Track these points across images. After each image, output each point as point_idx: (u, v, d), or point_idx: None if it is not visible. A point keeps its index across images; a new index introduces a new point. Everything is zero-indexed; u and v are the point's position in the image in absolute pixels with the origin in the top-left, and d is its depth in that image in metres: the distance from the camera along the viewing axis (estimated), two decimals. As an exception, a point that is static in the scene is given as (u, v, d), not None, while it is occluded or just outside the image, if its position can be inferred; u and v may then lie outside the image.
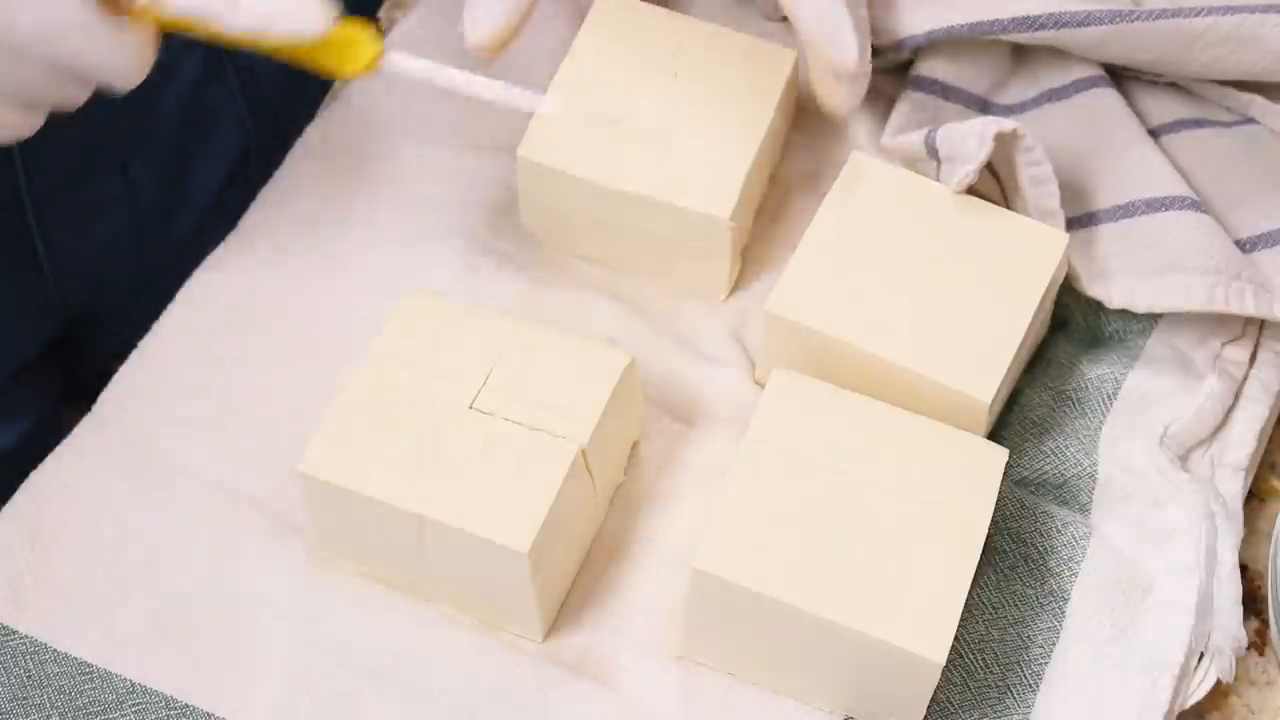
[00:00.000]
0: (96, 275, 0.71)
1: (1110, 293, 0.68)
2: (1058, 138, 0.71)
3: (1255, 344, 0.69)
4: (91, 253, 0.80)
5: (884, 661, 0.57)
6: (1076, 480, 0.66)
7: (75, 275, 0.80)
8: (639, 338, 0.69)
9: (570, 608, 0.64)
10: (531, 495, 0.59)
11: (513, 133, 0.69)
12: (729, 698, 0.62)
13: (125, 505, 0.65)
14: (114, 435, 0.67)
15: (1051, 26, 0.70)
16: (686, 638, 0.62)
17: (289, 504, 0.65)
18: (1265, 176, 0.72)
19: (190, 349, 0.69)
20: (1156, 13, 0.69)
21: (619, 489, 0.66)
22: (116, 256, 0.82)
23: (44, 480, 0.66)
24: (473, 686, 0.62)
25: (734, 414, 0.67)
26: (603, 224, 0.70)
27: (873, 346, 0.64)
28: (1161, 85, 0.75)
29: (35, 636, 0.62)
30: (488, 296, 0.70)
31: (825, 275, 0.65)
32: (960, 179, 0.67)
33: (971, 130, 0.68)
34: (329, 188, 0.74)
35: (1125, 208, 0.70)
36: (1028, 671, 0.62)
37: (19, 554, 0.64)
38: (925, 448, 0.61)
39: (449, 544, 0.60)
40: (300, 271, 0.71)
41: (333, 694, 0.61)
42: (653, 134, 0.68)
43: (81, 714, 0.61)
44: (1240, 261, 0.68)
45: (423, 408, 0.61)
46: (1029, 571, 0.64)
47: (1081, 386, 0.68)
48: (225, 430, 0.67)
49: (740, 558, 0.58)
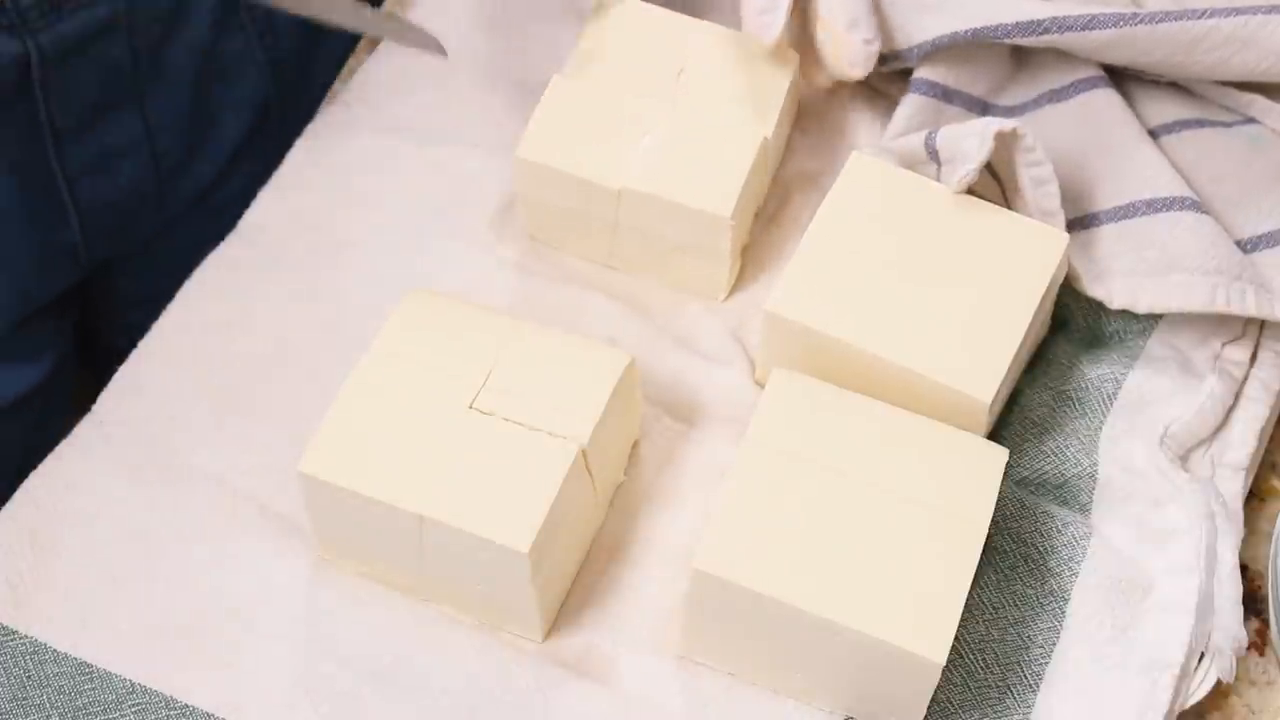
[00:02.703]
0: (118, 220, 0.71)
1: (1111, 293, 0.68)
2: (1058, 138, 0.71)
3: (1255, 344, 0.69)
4: (113, 196, 0.80)
5: (884, 661, 0.57)
6: (1077, 480, 0.66)
7: (98, 220, 0.80)
8: (639, 338, 0.69)
9: (570, 608, 0.64)
10: (531, 495, 0.59)
11: (513, 133, 0.69)
12: (729, 698, 0.62)
13: (125, 505, 0.65)
14: (114, 435, 0.67)
15: (1055, 30, 0.70)
16: (686, 638, 0.62)
17: (289, 504, 0.65)
18: (1265, 176, 0.72)
19: (190, 349, 0.69)
20: (1159, 15, 0.69)
21: (619, 489, 0.66)
22: (138, 201, 0.83)
23: (44, 480, 0.66)
24: (473, 686, 0.62)
25: (734, 414, 0.67)
26: (603, 224, 0.70)
27: (873, 346, 0.64)
28: (1162, 85, 0.75)
29: (35, 636, 0.62)
30: (488, 296, 0.70)
31: (825, 275, 0.65)
32: (960, 179, 0.67)
33: (971, 130, 0.68)
34: (329, 187, 0.74)
35: (1125, 208, 0.70)
36: (1028, 671, 0.62)
37: (19, 554, 0.64)
38: (925, 448, 0.61)
39: (449, 544, 0.60)
40: (300, 271, 0.71)
41: (333, 694, 0.61)
42: (654, 133, 0.68)
43: (81, 714, 0.61)
44: (1241, 262, 0.68)
45: (423, 408, 0.61)
46: (1029, 571, 0.64)
47: (1082, 386, 0.68)
48: (225, 430, 0.67)
49: (740, 558, 0.58)
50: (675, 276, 0.71)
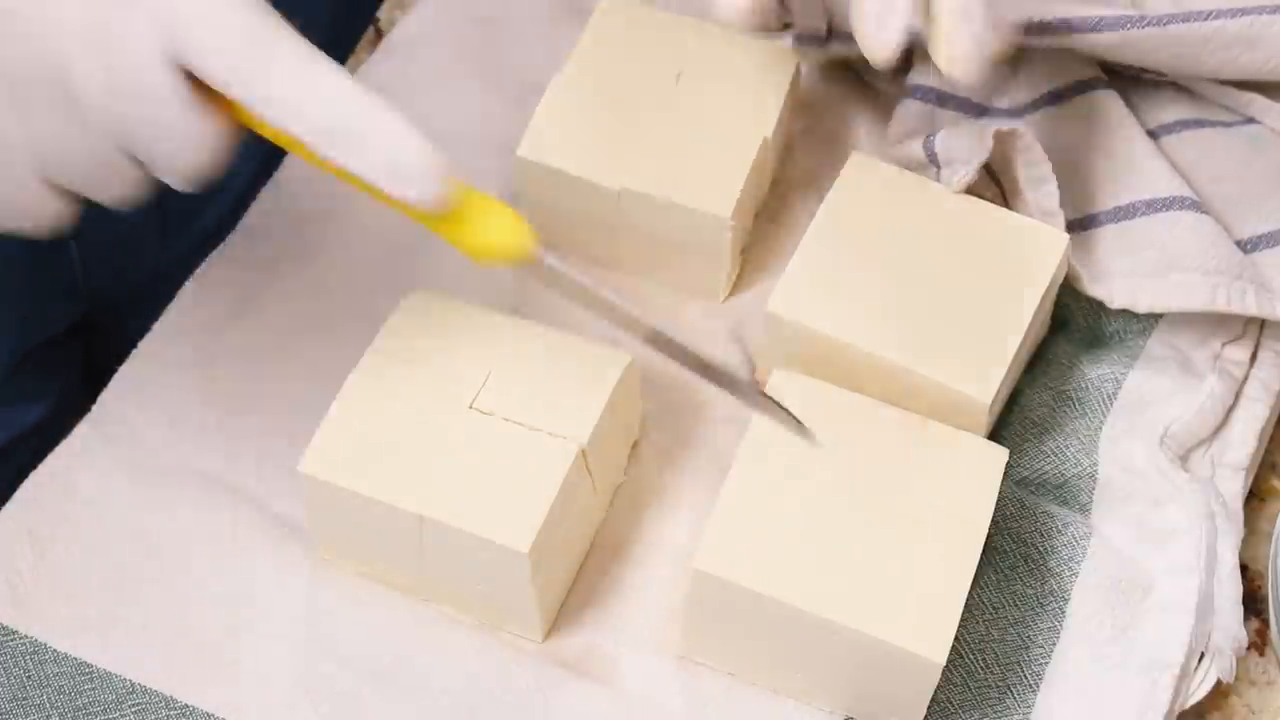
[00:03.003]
0: (120, 261, 0.70)
1: (1111, 293, 0.68)
2: (1057, 139, 0.71)
3: (1255, 344, 0.69)
4: (116, 239, 0.80)
5: (884, 661, 0.57)
6: (1077, 480, 0.66)
7: (99, 260, 0.80)
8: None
9: (570, 608, 0.64)
10: (531, 495, 0.59)
11: (513, 133, 0.69)
12: (729, 698, 0.62)
13: (125, 505, 0.65)
14: (114, 435, 0.67)
15: (1062, 33, 0.70)
16: (686, 638, 0.62)
17: (289, 504, 0.65)
18: (1265, 176, 0.72)
19: (190, 349, 0.69)
20: (1165, 18, 0.69)
21: (619, 489, 0.66)
22: (140, 244, 0.82)
23: (44, 480, 0.66)
24: (473, 686, 0.62)
25: (734, 414, 0.67)
26: (602, 224, 0.69)
27: (873, 346, 0.64)
28: (1161, 85, 0.74)
29: (35, 636, 0.62)
30: (488, 296, 0.70)
31: (825, 275, 0.65)
32: (960, 178, 0.67)
33: (970, 130, 0.68)
34: (329, 187, 0.74)
35: (1125, 208, 0.70)
36: (1028, 671, 0.62)
37: (19, 554, 0.64)
38: (925, 447, 0.61)
39: (449, 544, 0.60)
40: (300, 271, 0.71)
41: (333, 694, 0.61)
42: (654, 134, 0.68)
43: (81, 714, 0.61)
44: (1241, 262, 0.68)
45: (423, 408, 0.61)
46: (1029, 571, 0.64)
47: (1082, 386, 0.68)
48: (225, 430, 0.67)
49: (740, 558, 0.58)
50: (675, 277, 0.71)
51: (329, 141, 0.51)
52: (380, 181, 0.52)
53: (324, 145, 0.51)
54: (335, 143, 0.51)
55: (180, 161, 0.52)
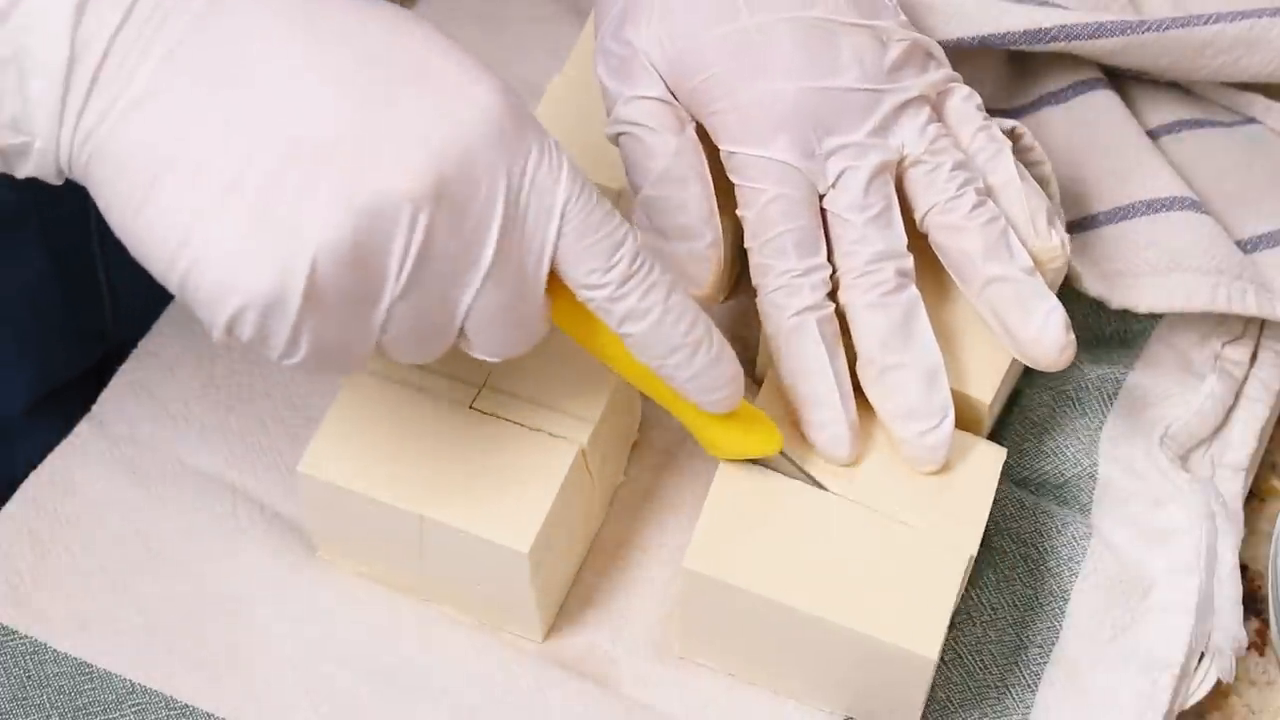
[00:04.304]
0: (151, 305, 0.71)
1: (1111, 293, 0.68)
2: (1057, 140, 0.71)
3: (1255, 344, 0.69)
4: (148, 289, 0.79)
5: (877, 659, 0.57)
6: (1076, 480, 0.66)
7: (131, 308, 0.80)
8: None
9: (570, 608, 0.64)
10: (531, 495, 0.59)
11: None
12: (729, 698, 0.62)
13: (125, 505, 0.65)
14: (114, 435, 0.67)
15: (1062, 39, 0.70)
16: (685, 638, 0.62)
17: (289, 504, 0.65)
18: (1266, 176, 0.72)
19: (190, 349, 0.69)
20: (1165, 22, 0.69)
21: (619, 489, 0.66)
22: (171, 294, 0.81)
23: (44, 480, 0.66)
24: (473, 686, 0.62)
25: (734, 414, 0.67)
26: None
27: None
28: (1161, 85, 0.74)
29: (35, 636, 0.62)
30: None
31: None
32: (960, 179, 0.66)
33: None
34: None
35: (1125, 209, 0.70)
36: (1027, 671, 0.62)
37: (19, 554, 0.64)
38: (925, 448, 0.61)
39: (449, 544, 0.60)
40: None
41: (333, 694, 0.61)
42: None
43: (81, 714, 0.61)
44: (1241, 261, 0.68)
45: (423, 408, 0.61)
46: (1029, 571, 0.64)
47: (1081, 386, 0.68)
48: (225, 430, 0.67)
49: (731, 556, 0.58)
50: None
51: (669, 357, 0.54)
52: (693, 394, 0.56)
53: (661, 361, 0.54)
54: (673, 357, 0.54)
55: (509, 348, 0.54)
